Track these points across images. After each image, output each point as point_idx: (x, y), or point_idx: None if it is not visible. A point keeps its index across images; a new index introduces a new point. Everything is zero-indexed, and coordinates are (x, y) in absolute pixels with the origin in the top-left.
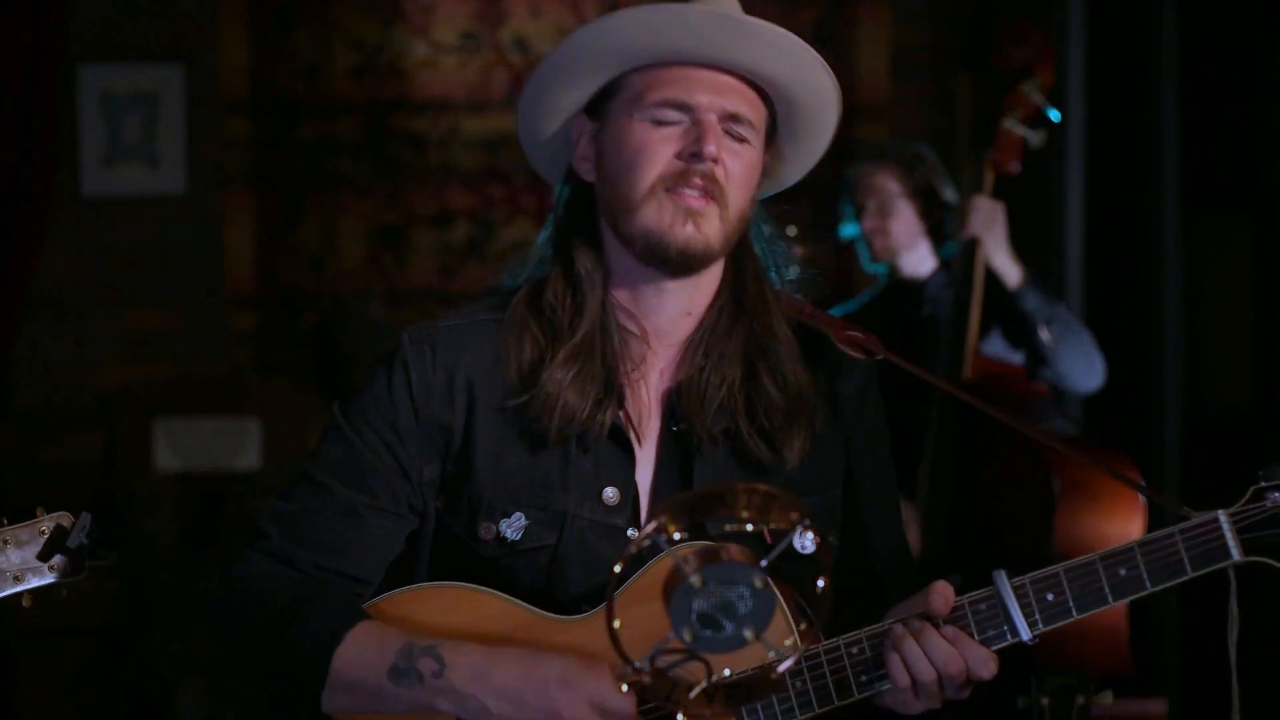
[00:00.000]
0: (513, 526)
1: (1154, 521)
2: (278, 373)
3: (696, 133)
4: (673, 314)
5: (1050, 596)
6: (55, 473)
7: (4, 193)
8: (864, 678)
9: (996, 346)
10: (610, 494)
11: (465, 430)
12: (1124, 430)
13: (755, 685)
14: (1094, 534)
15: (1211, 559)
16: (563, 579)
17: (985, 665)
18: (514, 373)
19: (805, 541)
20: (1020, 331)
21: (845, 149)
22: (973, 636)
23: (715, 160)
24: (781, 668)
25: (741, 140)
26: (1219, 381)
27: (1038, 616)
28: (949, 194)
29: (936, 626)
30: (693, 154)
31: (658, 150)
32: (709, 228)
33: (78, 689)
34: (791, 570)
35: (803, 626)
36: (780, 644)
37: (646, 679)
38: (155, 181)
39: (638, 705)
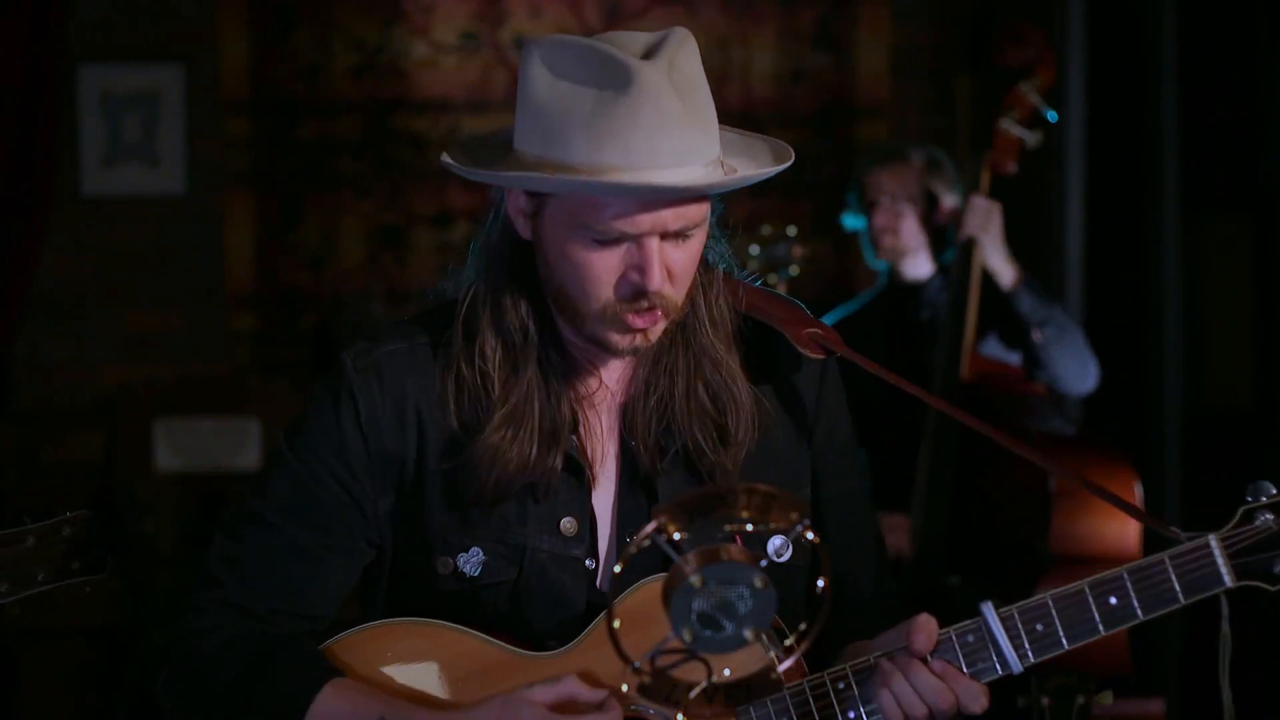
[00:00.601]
0: (471, 561)
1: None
2: (278, 373)
3: (641, 259)
4: None
5: (1040, 627)
6: (55, 473)
7: (4, 193)
8: (851, 714)
9: (993, 348)
10: (568, 524)
11: (418, 462)
12: (1124, 430)
13: (755, 685)
14: (1091, 534)
15: (1203, 585)
16: (526, 614)
17: (976, 700)
18: (455, 422)
19: (782, 549)
20: (1015, 333)
21: (845, 149)
22: (961, 670)
23: (663, 285)
24: (781, 668)
25: (687, 238)
26: (1219, 381)
27: (1028, 648)
28: (953, 200)
29: (924, 660)
30: (635, 282)
31: (601, 272)
32: (656, 332)
33: (78, 689)
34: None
35: (802, 626)
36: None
37: (647, 679)
38: (155, 181)
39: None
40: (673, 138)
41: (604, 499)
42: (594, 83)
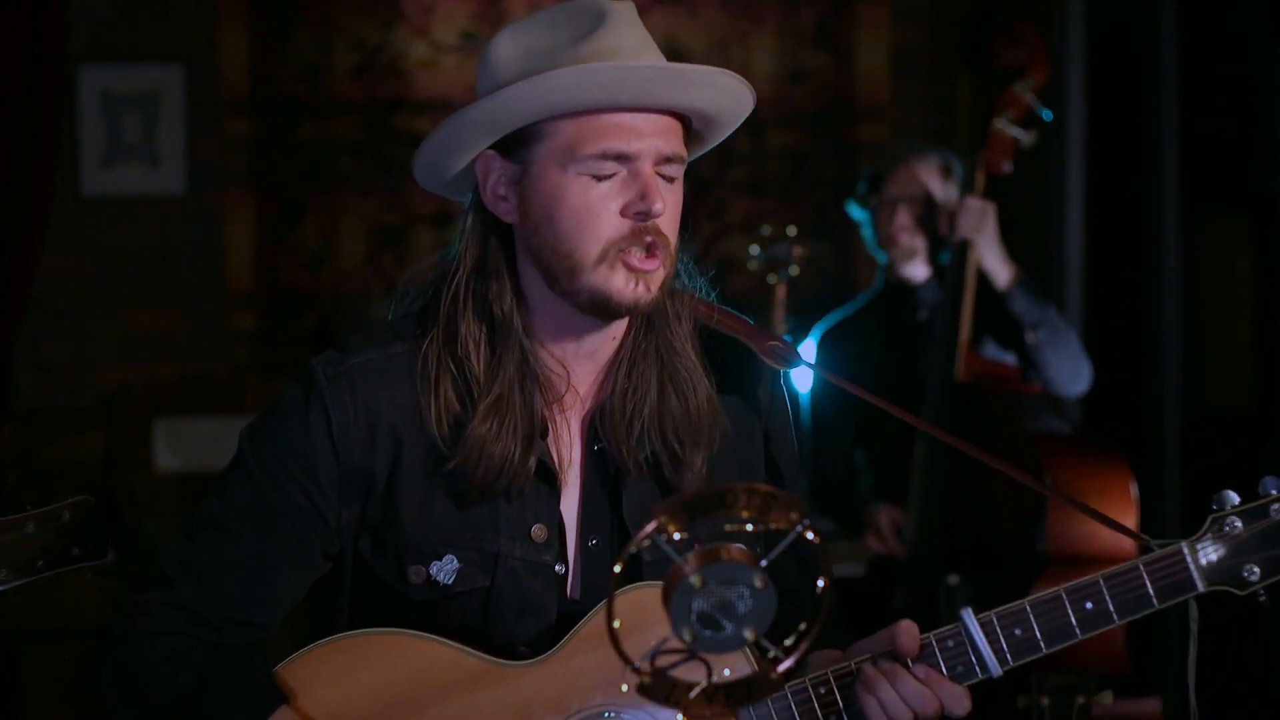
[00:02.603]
0: (444, 570)
1: (1145, 522)
2: (278, 373)
3: (639, 187)
4: (598, 341)
5: (1018, 632)
6: (55, 473)
7: (4, 193)
8: (833, 719)
9: (989, 348)
10: (538, 531)
11: (390, 476)
12: (1124, 430)
13: (755, 685)
14: (1085, 533)
15: (1177, 590)
16: (497, 621)
17: (959, 702)
18: (433, 425)
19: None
20: (1010, 335)
21: (845, 149)
22: (943, 673)
23: (663, 213)
24: (781, 667)
25: (672, 180)
26: (1219, 381)
27: (1007, 653)
28: (954, 203)
29: (906, 665)
30: (639, 213)
31: (603, 210)
32: (656, 282)
33: (78, 689)
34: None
35: (802, 627)
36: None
37: (646, 679)
38: (155, 181)
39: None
40: (649, 48)
41: (570, 504)
42: (570, 23)
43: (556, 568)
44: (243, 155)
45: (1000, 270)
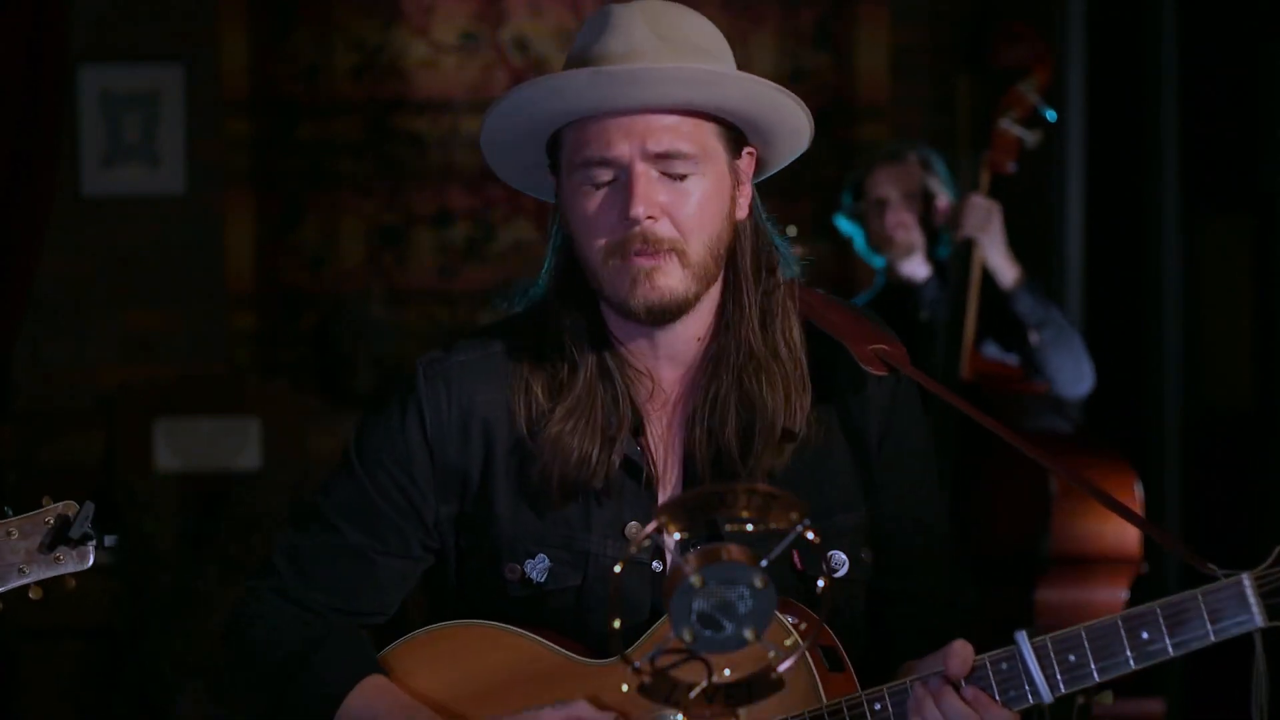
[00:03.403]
0: (537, 568)
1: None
2: (278, 373)
3: (624, 190)
4: (678, 344)
5: (1072, 658)
6: (55, 473)
7: (4, 193)
8: None
9: (992, 348)
10: (633, 529)
11: (483, 475)
12: (1124, 430)
13: (755, 685)
14: (1091, 536)
15: (1234, 624)
16: (591, 620)
17: None
18: (522, 425)
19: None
20: (1013, 335)
21: (845, 149)
22: (994, 698)
23: (652, 218)
24: (781, 667)
25: (683, 177)
26: (1219, 381)
27: (1059, 679)
28: (947, 198)
29: (957, 687)
30: (624, 217)
31: (597, 217)
32: (669, 281)
33: (78, 689)
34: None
35: (803, 626)
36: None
37: (647, 679)
38: (155, 181)
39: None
40: (636, 49)
41: None
42: (588, 28)
43: (654, 565)
44: (243, 155)
45: (1005, 269)
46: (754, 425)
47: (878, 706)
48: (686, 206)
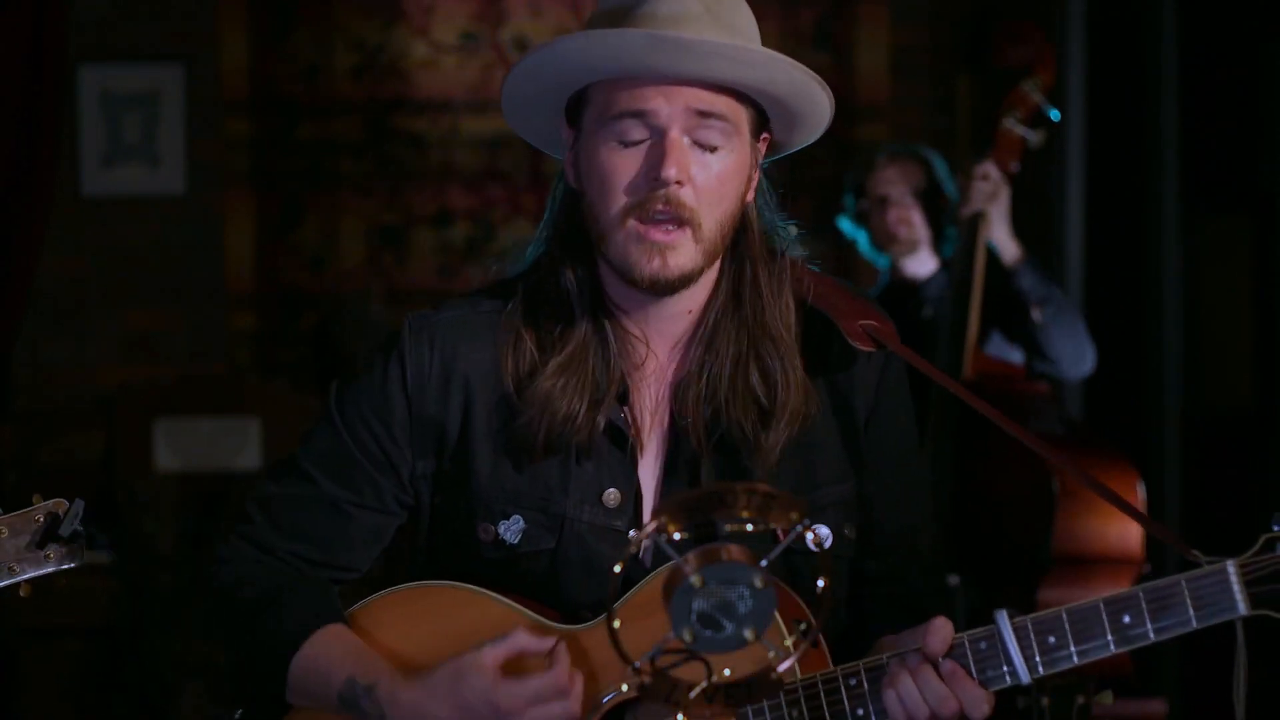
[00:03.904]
0: (511, 529)
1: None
2: (278, 373)
3: (659, 151)
4: (670, 315)
5: (1052, 639)
6: (55, 473)
7: (4, 193)
8: (860, 711)
9: (996, 344)
10: (611, 495)
11: (461, 430)
12: (1124, 430)
13: (755, 685)
14: (1094, 535)
15: (1217, 611)
16: (564, 583)
17: (979, 706)
18: (509, 381)
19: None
20: (1016, 318)
21: (845, 149)
22: (971, 675)
23: (680, 183)
24: (781, 667)
25: (713, 149)
26: (1219, 381)
27: (1038, 659)
28: (950, 194)
29: (934, 663)
30: (653, 177)
31: (623, 174)
32: (679, 258)
33: (78, 689)
34: (792, 568)
35: (802, 627)
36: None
37: (647, 679)
38: (155, 181)
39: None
40: (689, 21)
41: (649, 473)
42: None
43: (630, 533)
44: (243, 155)
45: (1009, 245)
46: (747, 400)
47: (853, 682)
48: (710, 179)
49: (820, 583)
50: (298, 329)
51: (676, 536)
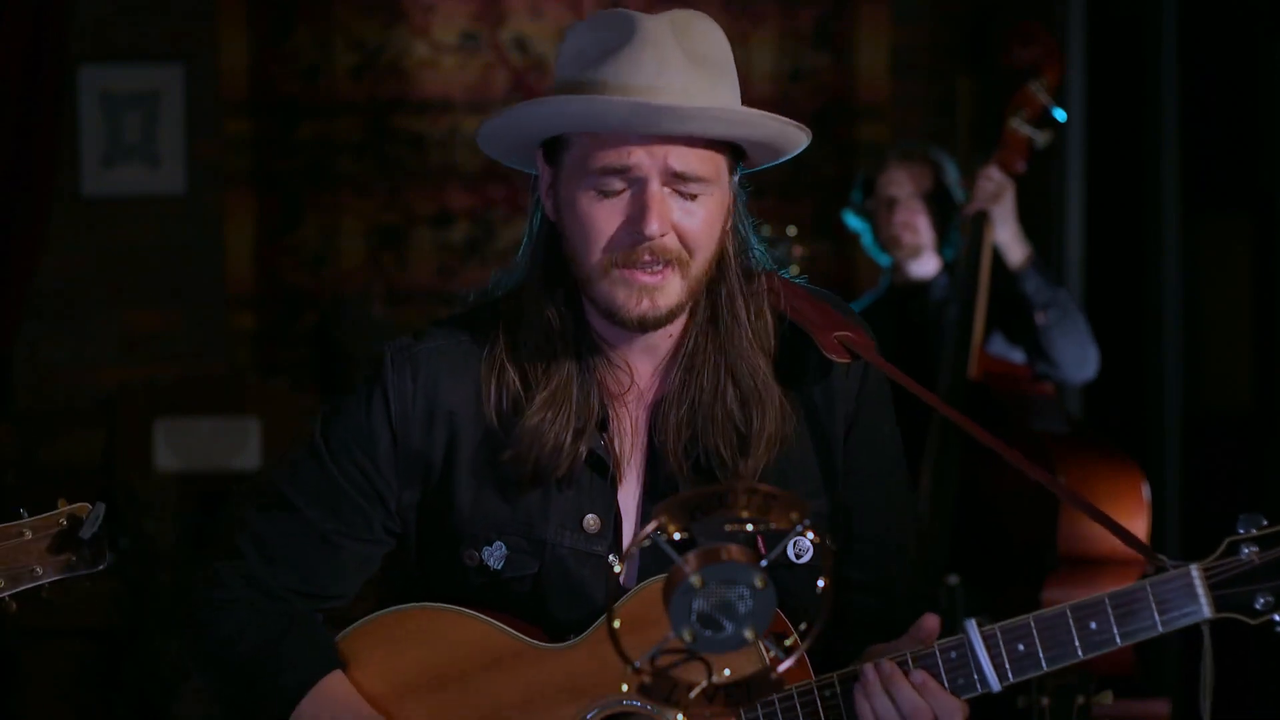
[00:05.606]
0: (494, 555)
1: (1157, 525)
2: (278, 373)
3: (640, 205)
4: (653, 343)
5: (1021, 647)
6: (55, 473)
7: (4, 193)
8: None
9: (999, 344)
10: (590, 521)
11: (445, 463)
12: (1124, 430)
13: (755, 685)
14: (1098, 535)
15: (1182, 615)
16: (547, 607)
17: (952, 715)
18: (492, 415)
19: (803, 551)
20: (1019, 322)
21: (845, 149)
22: (943, 684)
23: (664, 234)
24: (781, 667)
25: (694, 197)
26: (1219, 381)
27: (1008, 667)
28: (958, 197)
29: (906, 673)
30: (636, 230)
31: (605, 225)
32: (667, 297)
33: (78, 690)
34: (787, 577)
35: (802, 627)
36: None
37: (647, 679)
38: (155, 181)
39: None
40: (670, 72)
41: (629, 497)
42: (604, 34)
43: (610, 557)
44: (243, 155)
45: (1014, 247)
46: (726, 426)
47: (828, 693)
48: (695, 224)
49: (820, 583)
50: (298, 329)
51: (676, 536)
